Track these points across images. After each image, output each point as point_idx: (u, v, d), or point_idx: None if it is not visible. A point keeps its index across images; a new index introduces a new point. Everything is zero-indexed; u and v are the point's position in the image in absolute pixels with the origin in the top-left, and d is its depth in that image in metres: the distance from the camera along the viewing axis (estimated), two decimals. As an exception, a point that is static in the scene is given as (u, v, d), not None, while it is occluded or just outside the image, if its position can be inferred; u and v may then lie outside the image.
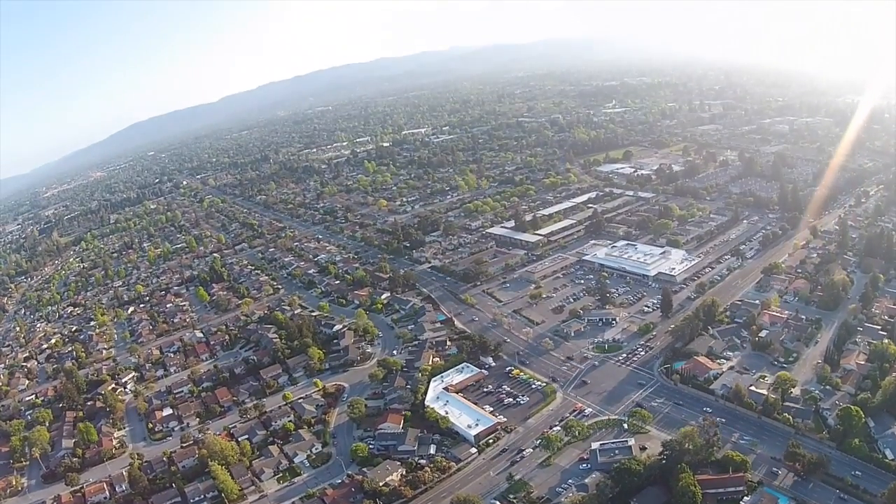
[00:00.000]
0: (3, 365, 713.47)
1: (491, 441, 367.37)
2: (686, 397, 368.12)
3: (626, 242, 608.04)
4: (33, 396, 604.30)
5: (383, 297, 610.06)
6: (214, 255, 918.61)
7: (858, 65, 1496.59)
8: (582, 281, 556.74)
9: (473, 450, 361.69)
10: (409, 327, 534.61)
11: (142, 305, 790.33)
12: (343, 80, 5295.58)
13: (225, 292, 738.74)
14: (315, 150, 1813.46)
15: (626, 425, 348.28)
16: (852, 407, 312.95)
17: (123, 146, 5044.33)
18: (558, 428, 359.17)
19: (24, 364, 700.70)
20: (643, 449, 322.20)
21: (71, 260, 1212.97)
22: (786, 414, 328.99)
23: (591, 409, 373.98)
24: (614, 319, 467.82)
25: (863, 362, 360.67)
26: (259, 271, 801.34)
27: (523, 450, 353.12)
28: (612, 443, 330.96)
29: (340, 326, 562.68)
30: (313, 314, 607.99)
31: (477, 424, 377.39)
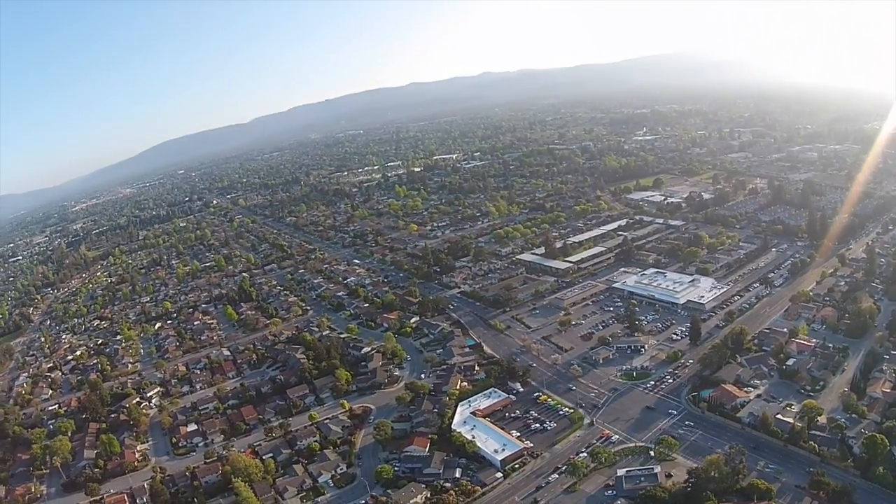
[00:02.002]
0: (26, 374, 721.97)
1: (517, 466, 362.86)
2: (713, 425, 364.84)
3: (655, 270, 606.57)
4: (56, 406, 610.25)
5: (412, 320, 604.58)
6: (244, 274, 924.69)
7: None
8: (611, 308, 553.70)
9: (499, 474, 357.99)
10: (438, 352, 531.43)
11: (169, 322, 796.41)
12: (374, 105, 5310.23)
13: (253, 312, 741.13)
14: (346, 173, 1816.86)
15: (652, 452, 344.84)
16: (877, 435, 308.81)
17: (154, 163, 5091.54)
18: (585, 454, 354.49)
19: (48, 374, 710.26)
20: (669, 476, 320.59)
21: (98, 274, 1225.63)
22: (811, 442, 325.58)
23: (617, 436, 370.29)
24: (643, 347, 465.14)
25: (889, 390, 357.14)
26: (288, 292, 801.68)
27: (549, 475, 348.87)
28: (638, 470, 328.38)
29: (369, 349, 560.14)
30: (342, 336, 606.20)
31: (503, 449, 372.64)
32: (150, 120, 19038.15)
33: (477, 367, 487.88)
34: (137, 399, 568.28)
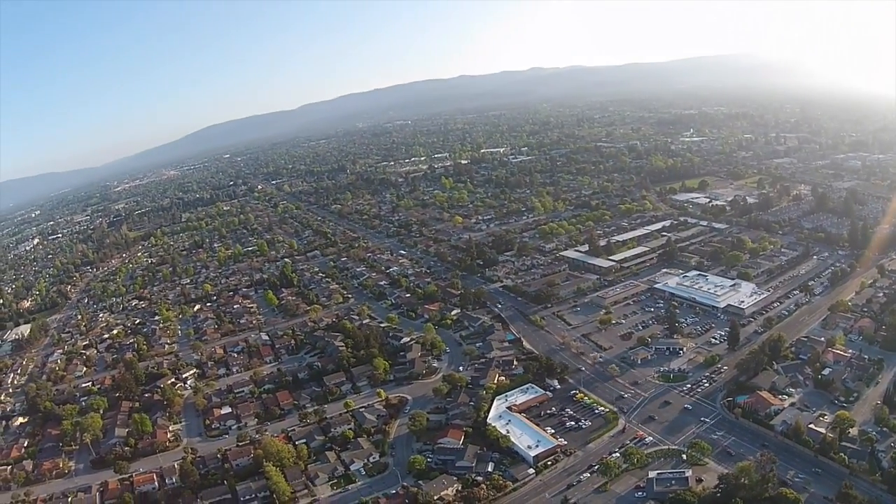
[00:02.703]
0: (61, 351, 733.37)
1: (549, 463, 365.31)
2: (746, 431, 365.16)
3: (697, 273, 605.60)
4: (90, 384, 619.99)
5: (453, 313, 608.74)
6: (286, 260, 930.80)
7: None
8: (651, 309, 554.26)
9: (531, 470, 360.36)
10: (477, 345, 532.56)
11: (208, 304, 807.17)
12: (423, 96, 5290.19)
13: (294, 297, 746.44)
14: (392, 163, 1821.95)
15: (684, 456, 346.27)
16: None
17: (198, 147, 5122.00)
18: (617, 454, 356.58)
19: (84, 352, 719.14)
20: (699, 481, 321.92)
21: (139, 254, 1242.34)
22: (841, 454, 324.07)
23: (651, 438, 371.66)
24: (681, 349, 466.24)
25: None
26: (329, 279, 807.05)
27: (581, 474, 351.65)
28: (670, 473, 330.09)
29: (408, 339, 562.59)
30: (382, 325, 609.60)
31: (537, 445, 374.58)
32: (194, 104, 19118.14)
33: (515, 362, 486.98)
34: (172, 379, 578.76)
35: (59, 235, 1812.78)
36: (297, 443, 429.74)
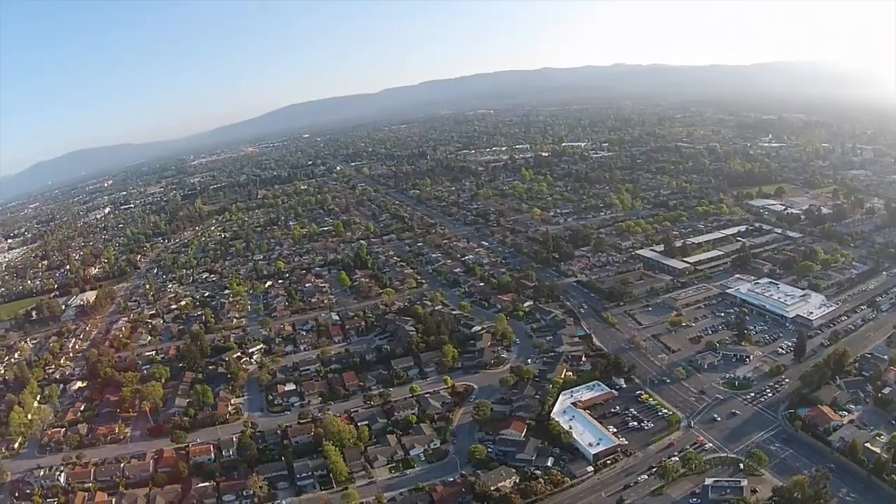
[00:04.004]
0: (126, 319, 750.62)
1: (609, 462, 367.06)
2: (803, 445, 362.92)
3: (769, 280, 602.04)
4: (153, 353, 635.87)
5: (526, 304, 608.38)
6: (361, 241, 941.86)
7: None
8: (722, 314, 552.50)
9: (590, 468, 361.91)
10: (548, 338, 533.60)
11: (280, 281, 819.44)
12: (506, 86, 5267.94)
13: (367, 280, 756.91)
14: (473, 151, 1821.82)
15: (741, 465, 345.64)
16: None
17: (277, 126, 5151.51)
18: (676, 459, 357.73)
19: (149, 321, 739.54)
20: (754, 492, 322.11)
21: (212, 228, 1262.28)
22: (893, 476, 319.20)
23: (711, 445, 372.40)
24: (748, 357, 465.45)
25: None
26: (404, 263, 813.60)
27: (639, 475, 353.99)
28: (726, 481, 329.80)
29: (479, 328, 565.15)
30: (454, 312, 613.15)
31: (598, 443, 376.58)
32: (275, 83, 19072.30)
33: (584, 358, 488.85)
34: (238, 354, 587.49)
35: (132, 206, 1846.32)
36: (358, 424, 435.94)
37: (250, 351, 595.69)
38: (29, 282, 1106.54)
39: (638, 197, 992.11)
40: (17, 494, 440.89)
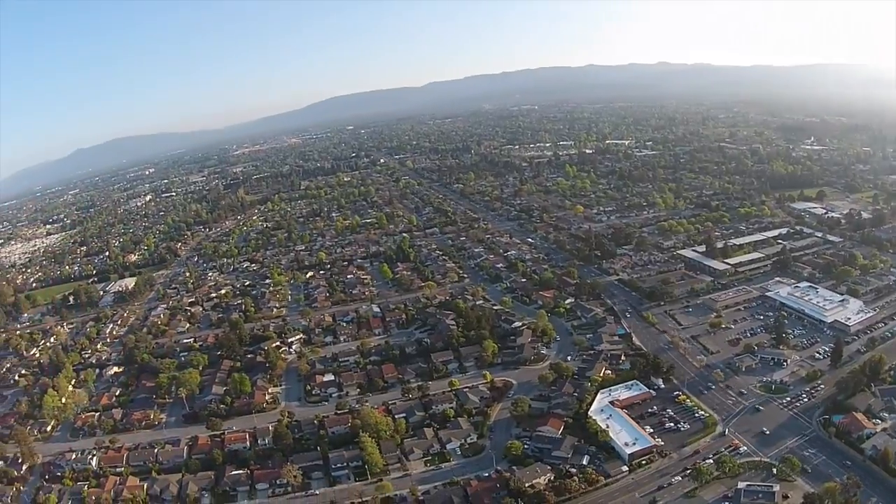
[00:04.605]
0: (165, 306, 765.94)
1: (644, 462, 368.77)
2: (836, 452, 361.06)
3: (808, 284, 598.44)
4: (192, 340, 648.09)
5: (567, 301, 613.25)
6: (404, 234, 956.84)
7: None
8: (761, 317, 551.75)
9: (625, 468, 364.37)
10: (588, 336, 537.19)
11: (321, 272, 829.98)
12: (550, 82, 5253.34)
13: (409, 272, 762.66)
14: (517, 147, 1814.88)
15: (775, 470, 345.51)
16: None
17: (321, 117, 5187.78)
18: (710, 461, 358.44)
19: (189, 308, 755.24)
20: (785, 497, 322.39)
21: (254, 218, 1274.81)
22: None
23: (745, 448, 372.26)
24: (785, 361, 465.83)
25: None
26: (446, 257, 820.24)
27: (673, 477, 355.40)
28: (758, 486, 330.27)
29: (520, 324, 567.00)
30: (495, 307, 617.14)
31: (634, 443, 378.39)
32: (318, 75, 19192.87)
33: (623, 357, 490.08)
34: (277, 343, 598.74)
35: (173, 194, 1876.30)
36: (396, 416, 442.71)
37: (289, 341, 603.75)
38: (67, 267, 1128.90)
39: (681, 196, 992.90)
40: (47, 477, 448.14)
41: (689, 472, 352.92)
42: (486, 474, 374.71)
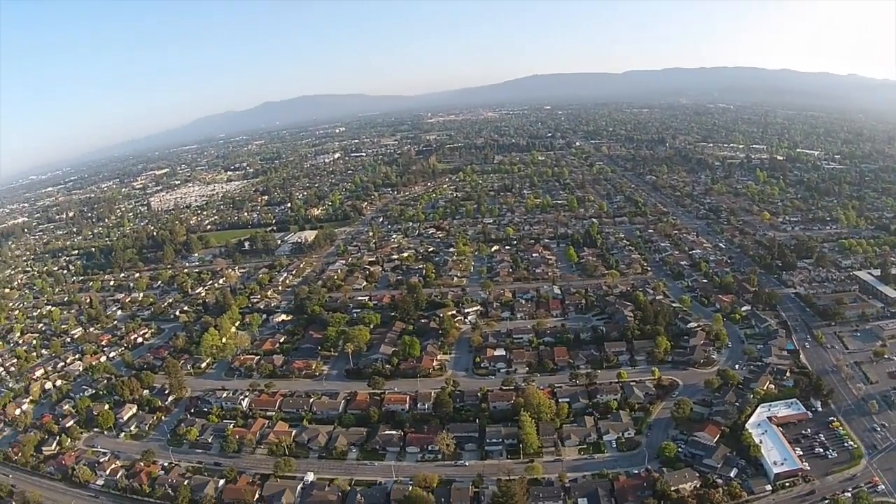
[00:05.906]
0: (344, 262, 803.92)
1: (787, 484, 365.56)
2: None
3: None
4: (367, 298, 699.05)
5: (743, 309, 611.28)
6: (593, 220, 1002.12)
7: None
8: None
9: (768, 487, 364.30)
10: (758, 346, 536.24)
11: (507, 247, 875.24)
12: (745, 82, 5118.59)
13: (594, 258, 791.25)
14: (711, 144, 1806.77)
15: None
16: None
17: (518, 95, 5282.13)
18: (849, 494, 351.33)
19: (368, 267, 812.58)
20: None
21: (444, 186, 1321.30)
22: None
23: (883, 487, 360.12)
24: None
25: None
26: (632, 248, 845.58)
27: None
28: None
29: (695, 325, 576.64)
30: (673, 304, 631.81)
31: (783, 463, 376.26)
32: (521, 54, 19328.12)
33: (788, 374, 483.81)
34: (453, 312, 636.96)
35: (363, 154, 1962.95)
36: (559, 400, 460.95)
37: (466, 311, 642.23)
38: (246, 214, 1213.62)
39: (863, 215, 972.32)
40: (192, 410, 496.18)
41: (826, 501, 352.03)
42: (636, 471, 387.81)
